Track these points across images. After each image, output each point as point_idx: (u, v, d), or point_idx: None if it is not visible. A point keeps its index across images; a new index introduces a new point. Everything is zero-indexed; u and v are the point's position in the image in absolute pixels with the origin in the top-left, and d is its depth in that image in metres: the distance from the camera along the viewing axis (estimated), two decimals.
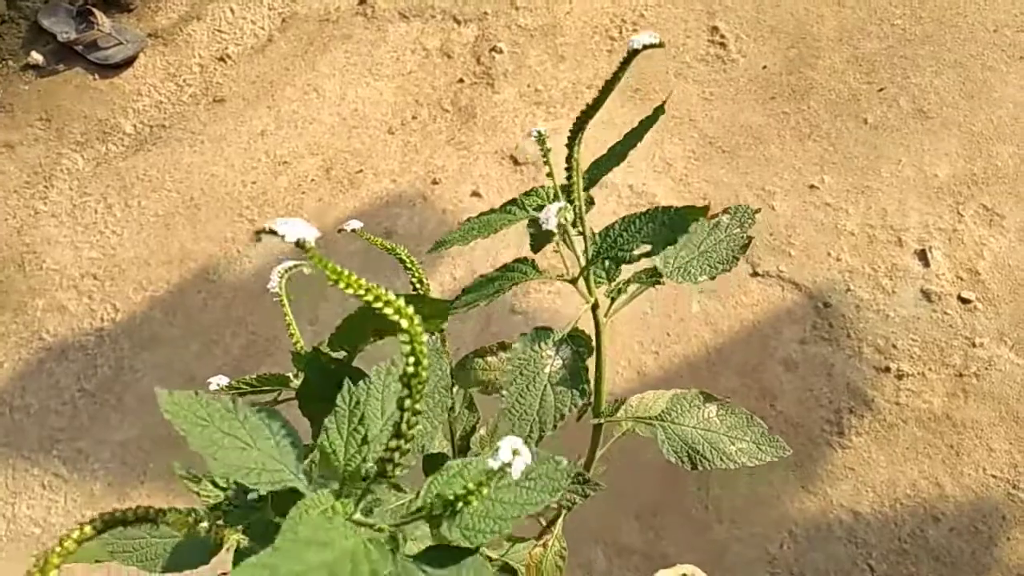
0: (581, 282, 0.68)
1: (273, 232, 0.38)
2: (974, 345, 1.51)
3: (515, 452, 0.39)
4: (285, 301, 0.70)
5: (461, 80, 1.98)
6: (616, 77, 0.58)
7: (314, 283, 1.88)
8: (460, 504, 0.41)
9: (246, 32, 2.13)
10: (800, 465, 1.45)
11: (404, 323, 0.38)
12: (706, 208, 0.63)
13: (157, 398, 0.48)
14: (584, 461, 0.82)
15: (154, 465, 1.58)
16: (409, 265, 0.69)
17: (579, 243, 0.66)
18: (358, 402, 0.48)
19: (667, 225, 0.63)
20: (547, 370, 0.65)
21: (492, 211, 0.69)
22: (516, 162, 1.84)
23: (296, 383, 0.66)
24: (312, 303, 1.70)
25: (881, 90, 1.82)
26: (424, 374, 0.39)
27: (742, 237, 0.74)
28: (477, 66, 2.00)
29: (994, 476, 1.41)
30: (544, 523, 0.85)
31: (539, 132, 0.65)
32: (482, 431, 0.78)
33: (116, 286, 1.80)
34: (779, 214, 1.70)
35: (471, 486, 0.40)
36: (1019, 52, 1.83)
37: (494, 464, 0.38)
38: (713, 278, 0.72)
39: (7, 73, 2.12)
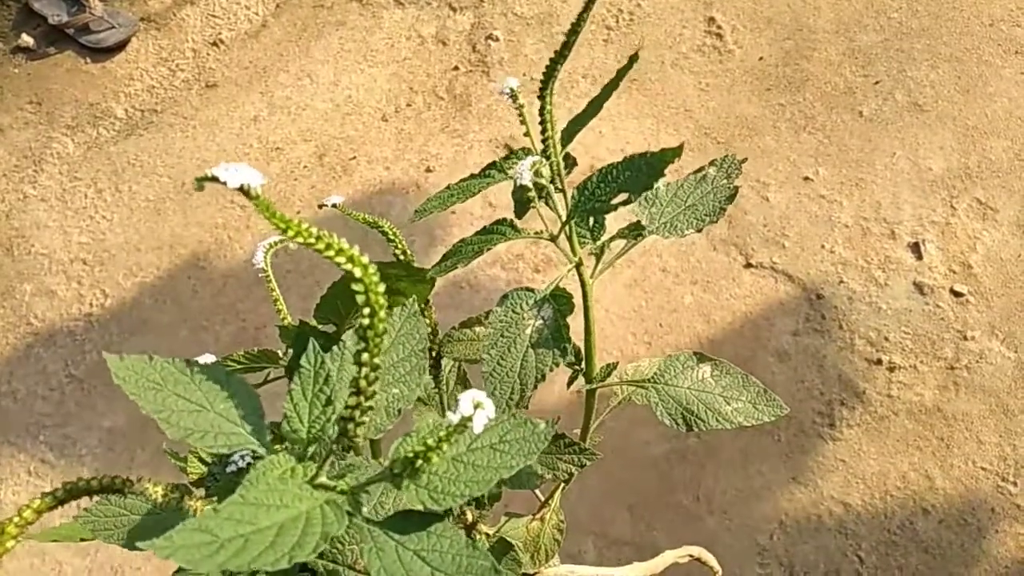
0: (564, 242, 0.66)
1: (215, 179, 0.36)
2: (966, 338, 1.51)
3: (477, 405, 0.37)
4: (271, 276, 0.69)
5: (456, 68, 1.97)
6: (581, 18, 0.57)
7: (308, 274, 1.86)
8: (420, 462, 0.39)
9: (240, 17, 2.11)
10: (791, 457, 1.45)
11: (358, 271, 0.36)
12: (680, 148, 0.61)
13: (108, 362, 0.46)
14: (579, 431, 0.81)
15: (141, 451, 1.57)
16: (392, 237, 0.68)
17: (560, 201, 0.65)
18: (323, 362, 0.46)
19: (643, 170, 0.62)
20: (528, 331, 0.64)
21: (472, 176, 0.68)
22: (511, 151, 1.82)
23: (286, 360, 0.65)
24: (307, 288, 1.69)
25: (877, 83, 1.82)
26: (381, 326, 0.37)
27: (729, 188, 0.72)
28: (472, 54, 1.99)
29: (984, 469, 1.41)
30: (542, 497, 0.84)
31: (511, 88, 0.64)
32: (485, 356, 0.77)
33: (106, 271, 1.78)
34: (773, 206, 1.70)
35: (431, 442, 0.38)
36: (1014, 47, 1.83)
37: (454, 418, 0.37)
38: (700, 230, 0.71)
39: None
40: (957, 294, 1.56)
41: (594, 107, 0.65)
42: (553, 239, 0.66)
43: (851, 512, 1.40)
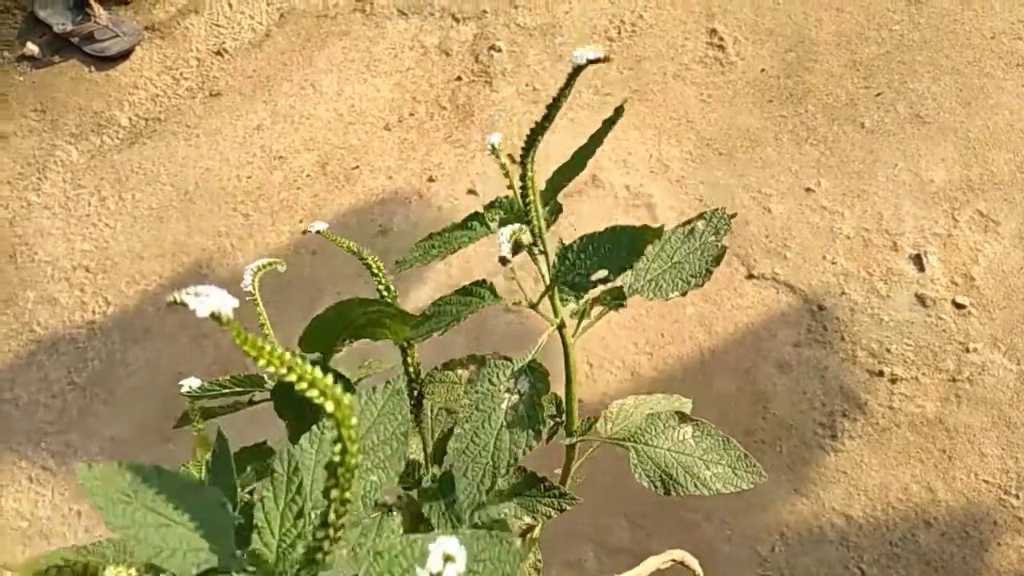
0: (545, 303, 0.65)
1: (184, 304, 0.34)
2: (968, 350, 1.51)
3: (448, 558, 0.35)
4: (259, 300, 0.68)
5: (459, 78, 1.98)
6: (563, 94, 0.55)
7: (310, 279, 1.87)
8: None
9: (244, 27, 2.12)
10: (792, 468, 1.45)
11: (330, 406, 0.34)
12: (660, 229, 0.60)
13: (78, 472, 0.44)
14: (560, 473, 0.81)
15: (143, 460, 1.57)
16: (376, 271, 0.67)
17: (542, 261, 0.64)
18: (296, 468, 0.44)
19: (624, 245, 0.61)
20: (504, 406, 0.62)
21: (453, 225, 0.67)
22: (513, 161, 1.83)
23: (271, 384, 0.65)
24: (309, 298, 1.69)
25: (878, 95, 1.83)
26: (352, 462, 0.36)
27: (717, 246, 0.70)
28: (475, 64, 2.00)
29: (986, 481, 1.41)
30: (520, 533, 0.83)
31: (492, 145, 0.62)
32: (459, 431, 0.76)
33: (108, 279, 1.79)
34: (775, 217, 1.70)
35: None
36: (1016, 59, 1.84)
37: (422, 574, 0.35)
38: (684, 294, 0.69)
39: (2, 64, 2.11)
40: (959, 306, 1.56)
41: (580, 160, 0.64)
42: (533, 306, 0.64)
43: (852, 524, 1.39)
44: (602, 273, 0.61)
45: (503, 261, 0.59)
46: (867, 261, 1.62)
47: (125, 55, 2.08)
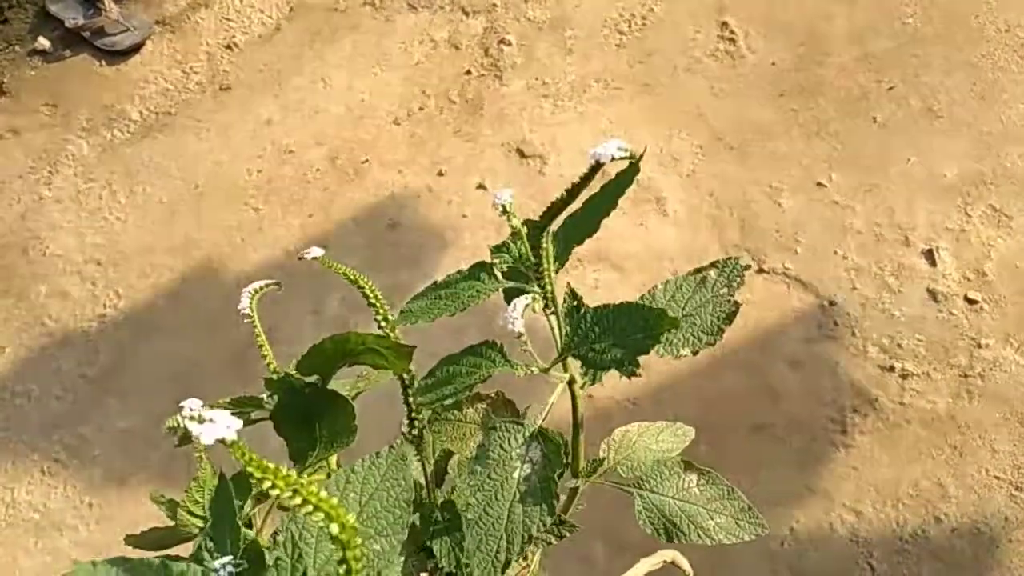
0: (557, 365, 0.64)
1: (187, 432, 0.35)
2: (979, 346, 1.51)
3: None
4: (256, 321, 0.67)
5: (469, 72, 1.98)
6: (583, 183, 0.54)
7: (317, 275, 1.87)
8: None
9: (254, 21, 2.12)
10: (803, 463, 1.44)
11: (335, 529, 0.35)
12: (677, 320, 0.58)
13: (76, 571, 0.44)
14: (563, 504, 0.80)
15: (155, 453, 1.58)
16: (373, 301, 0.65)
17: (554, 321, 0.62)
18: (300, 556, 0.44)
19: (639, 328, 0.59)
20: (516, 475, 0.61)
21: (460, 276, 0.64)
22: (523, 155, 1.83)
23: (271, 404, 0.64)
24: (318, 294, 1.69)
25: (891, 89, 1.81)
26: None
27: (729, 300, 0.68)
28: (485, 58, 1.99)
29: (997, 477, 1.40)
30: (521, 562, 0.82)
31: (504, 206, 0.60)
32: (472, 501, 0.75)
33: (119, 273, 1.80)
34: (786, 211, 1.69)
35: None
36: None
37: None
38: (695, 353, 0.67)
39: (14, 58, 2.12)
40: (971, 301, 1.55)
41: (592, 222, 0.62)
42: (545, 371, 0.63)
43: (863, 520, 1.39)
44: (617, 352, 0.59)
45: (517, 336, 0.58)
46: (879, 256, 1.62)
47: (136, 49, 2.09)
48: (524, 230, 0.61)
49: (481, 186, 1.80)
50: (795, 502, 1.41)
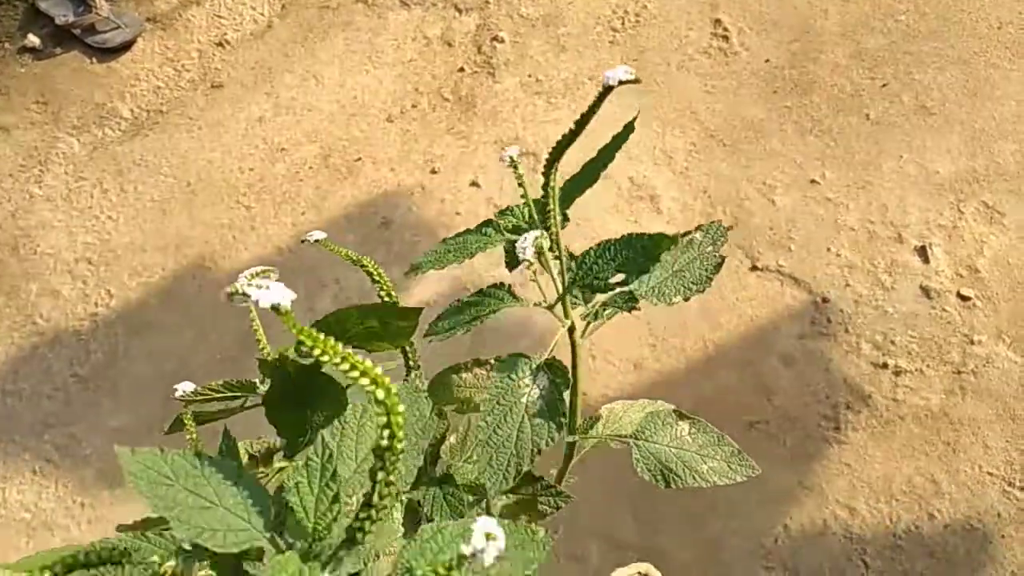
0: (558, 306, 0.68)
1: (246, 296, 0.37)
2: (972, 342, 1.51)
3: (488, 536, 0.36)
4: (252, 307, 0.68)
5: (462, 69, 1.97)
6: (592, 111, 0.58)
7: (312, 270, 1.86)
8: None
9: (245, 18, 2.11)
10: (796, 460, 1.44)
11: (380, 394, 0.37)
12: (676, 237, 0.64)
13: (118, 456, 0.45)
14: (557, 472, 0.83)
15: None
16: (376, 277, 0.67)
17: (555, 265, 0.67)
18: (331, 456, 0.46)
19: (640, 252, 0.64)
20: (524, 400, 0.65)
21: (468, 231, 0.70)
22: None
23: (263, 389, 0.65)
24: (310, 289, 1.69)
25: (884, 86, 1.81)
26: (399, 446, 0.38)
27: (715, 256, 0.74)
28: (478, 55, 1.99)
29: (990, 473, 1.41)
30: None
31: (511, 157, 0.66)
32: (451, 439, 0.78)
33: (111, 271, 1.79)
34: (779, 208, 1.69)
35: (441, 571, 0.38)
36: (1023, 49, 1.82)
37: (466, 550, 0.36)
38: (687, 299, 0.73)
39: (3, 56, 2.10)
40: (964, 298, 1.55)
41: (591, 173, 0.67)
42: (550, 308, 0.68)
43: (856, 516, 1.39)
44: (620, 276, 0.65)
45: (528, 264, 0.63)
46: (872, 253, 1.62)
47: (127, 46, 2.08)
48: (522, 175, 0.65)
49: (474, 184, 1.80)
50: (788, 499, 1.41)
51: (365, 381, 0.37)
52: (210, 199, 1.85)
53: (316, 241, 0.71)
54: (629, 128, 0.65)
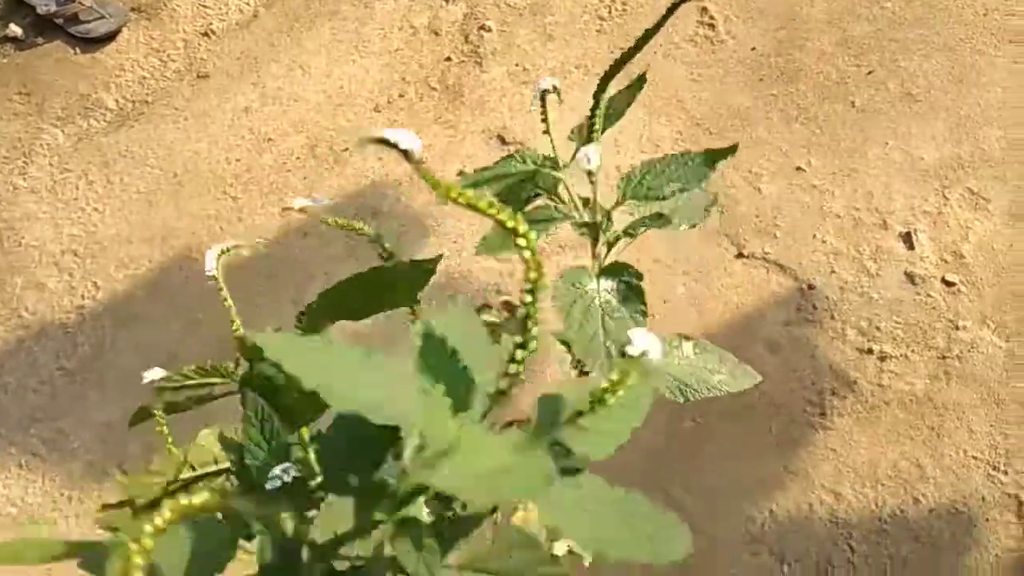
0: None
1: (381, 141, 0.39)
2: (957, 328, 1.52)
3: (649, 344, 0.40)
4: (222, 283, 0.67)
5: (449, 58, 1.96)
6: (655, 30, 0.66)
7: (301, 262, 1.86)
8: (605, 396, 0.42)
9: (231, 7, 2.10)
10: (782, 446, 1.45)
11: (521, 228, 0.41)
12: (734, 147, 0.71)
13: (256, 340, 0.41)
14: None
15: (133, 446, 1.57)
16: (374, 237, 0.67)
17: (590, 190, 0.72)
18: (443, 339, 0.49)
19: (699, 164, 0.71)
20: (597, 301, 0.71)
21: (495, 164, 0.75)
22: (504, 141, 1.82)
23: (237, 374, 0.63)
24: (299, 282, 1.68)
25: (870, 73, 1.82)
26: (544, 281, 0.41)
27: (707, 192, 0.82)
28: (465, 44, 1.98)
29: (975, 458, 1.42)
30: None
31: (544, 90, 0.71)
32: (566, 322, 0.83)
33: (97, 263, 1.78)
34: (765, 196, 1.69)
35: (616, 376, 0.40)
36: (1008, 35, 1.83)
37: (633, 350, 0.39)
38: (694, 226, 0.82)
39: None
40: (949, 283, 1.56)
41: (615, 113, 0.75)
42: (591, 225, 0.74)
43: (842, 501, 1.40)
44: (676, 186, 0.71)
45: (589, 174, 0.70)
46: (857, 240, 1.62)
47: (111, 37, 2.06)
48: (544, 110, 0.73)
49: (462, 173, 1.79)
50: (774, 484, 1.42)
51: (511, 224, 0.41)
52: (197, 190, 1.84)
53: (300, 209, 0.71)
54: (642, 79, 0.73)
